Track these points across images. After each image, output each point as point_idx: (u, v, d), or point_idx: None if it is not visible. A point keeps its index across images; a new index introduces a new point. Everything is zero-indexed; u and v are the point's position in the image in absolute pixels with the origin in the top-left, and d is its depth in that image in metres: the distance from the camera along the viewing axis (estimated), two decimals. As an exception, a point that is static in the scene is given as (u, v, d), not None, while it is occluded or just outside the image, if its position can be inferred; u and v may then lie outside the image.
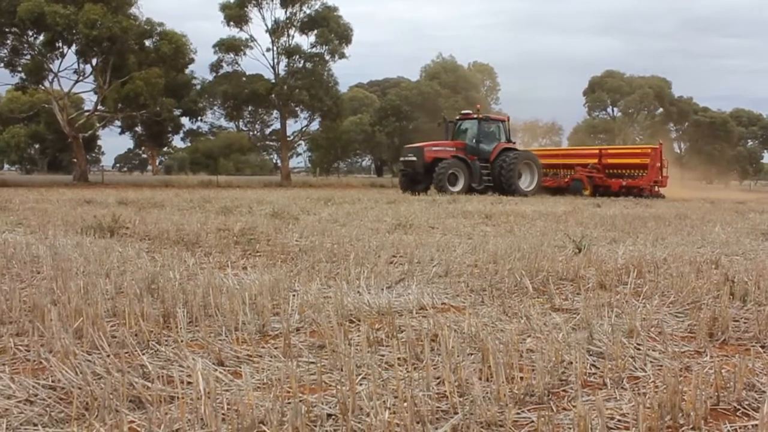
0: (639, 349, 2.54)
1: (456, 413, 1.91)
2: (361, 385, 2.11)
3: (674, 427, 1.86)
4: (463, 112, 25.35)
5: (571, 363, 2.32)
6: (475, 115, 24.01)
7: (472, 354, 2.47)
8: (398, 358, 2.39)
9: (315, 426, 1.82)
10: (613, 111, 62.88)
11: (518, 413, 1.93)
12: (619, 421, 1.89)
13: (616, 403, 2.01)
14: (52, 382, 2.12)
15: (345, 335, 2.64)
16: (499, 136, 23.89)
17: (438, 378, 2.18)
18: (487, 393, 2.03)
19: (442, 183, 21.50)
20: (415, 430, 1.78)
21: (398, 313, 3.14)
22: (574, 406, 1.94)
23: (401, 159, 23.83)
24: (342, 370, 2.25)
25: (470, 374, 2.17)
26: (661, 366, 2.36)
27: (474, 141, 23.32)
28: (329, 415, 1.89)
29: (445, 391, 2.05)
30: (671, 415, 1.89)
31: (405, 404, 1.87)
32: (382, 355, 2.46)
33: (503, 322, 2.99)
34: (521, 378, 2.16)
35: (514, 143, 24.98)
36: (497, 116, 26.09)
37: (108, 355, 2.36)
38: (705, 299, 3.44)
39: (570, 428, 1.83)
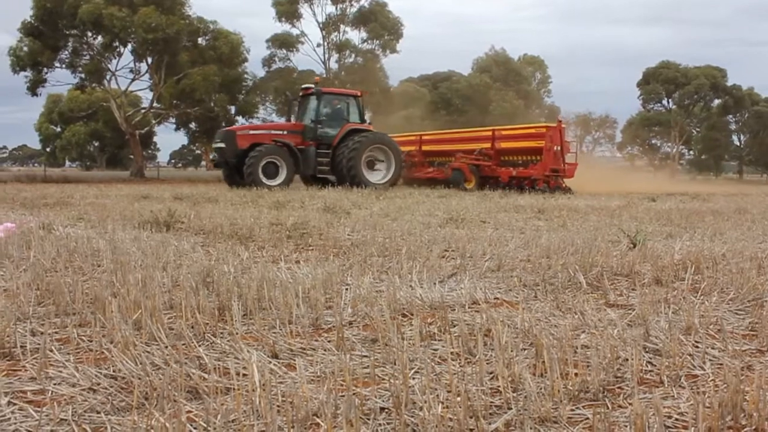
0: (697, 347, 2.49)
1: (509, 408, 1.90)
2: (414, 379, 2.11)
3: (735, 427, 1.81)
4: (304, 86, 20.48)
5: (627, 360, 2.28)
6: (315, 90, 19.50)
7: (525, 349, 2.46)
8: (451, 353, 2.39)
9: (368, 419, 1.83)
10: (668, 103, 61.41)
11: (573, 410, 1.91)
12: (677, 420, 1.85)
13: (674, 402, 1.97)
14: (114, 371, 2.17)
15: (398, 329, 2.65)
16: (347, 116, 19.62)
17: (491, 373, 2.18)
18: (540, 389, 2.02)
19: (253, 175, 17.78)
20: (469, 425, 1.77)
21: (451, 307, 3.14)
22: (630, 404, 1.92)
23: (213, 146, 19.76)
24: (395, 363, 2.26)
25: (524, 369, 2.16)
26: (721, 364, 2.30)
27: (311, 122, 19.20)
28: (382, 409, 1.90)
29: (499, 386, 2.04)
30: (732, 415, 1.84)
31: (458, 399, 1.87)
32: (435, 350, 2.47)
33: (557, 318, 2.96)
34: (575, 374, 2.13)
35: (368, 124, 20.52)
36: (345, 91, 21.27)
37: (166, 347, 2.42)
38: (767, 296, 3.34)
39: (626, 426, 1.80)
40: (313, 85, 19.81)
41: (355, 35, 42.58)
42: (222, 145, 18.66)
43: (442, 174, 20.72)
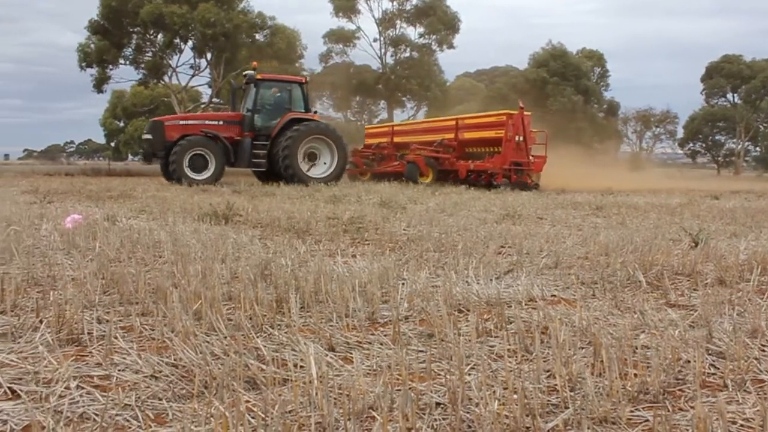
0: (764, 351, 2.41)
1: (567, 407, 1.88)
2: (470, 375, 2.11)
3: (803, 432, 1.76)
4: (246, 73, 18.60)
5: (689, 362, 2.23)
6: (254, 77, 17.88)
7: (583, 348, 2.42)
8: (507, 350, 2.38)
9: (424, 414, 1.84)
10: (733, 98, 59.53)
11: (632, 411, 1.88)
12: (741, 425, 1.80)
13: (739, 407, 1.92)
14: (175, 360, 2.23)
15: (454, 325, 2.65)
16: (289, 104, 17.74)
17: (548, 371, 2.15)
18: (598, 388, 1.99)
19: (177, 168, 16.38)
20: (525, 423, 1.76)
21: (507, 304, 3.12)
22: (692, 407, 1.87)
23: (142, 137, 18.04)
24: (451, 359, 2.26)
25: (582, 368, 2.13)
26: (789, 368, 2.23)
27: (247, 111, 17.63)
28: (438, 404, 1.91)
29: (556, 385, 2.02)
30: (800, 421, 1.79)
31: (515, 396, 1.86)
32: (491, 346, 2.45)
33: (615, 317, 2.91)
34: (635, 375, 2.10)
35: (314, 113, 18.63)
36: (287, 77, 19.31)
37: (225, 337, 2.46)
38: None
39: (688, 430, 1.76)
40: (254, 72, 18.22)
41: (411, 30, 42.56)
42: (149, 136, 17.06)
43: (403, 167, 19.32)
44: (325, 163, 17.66)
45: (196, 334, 2.46)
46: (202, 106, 39.90)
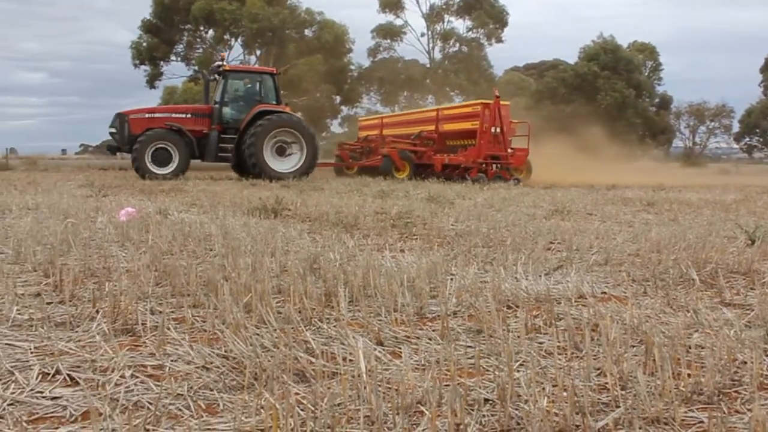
0: (824, 351, 2.34)
1: (618, 406, 1.85)
2: (518, 371, 2.09)
3: None
4: (216, 64, 18.25)
5: (745, 363, 2.18)
6: (221, 68, 17.49)
7: (634, 346, 2.39)
8: (557, 347, 2.35)
9: (472, 409, 1.83)
10: (794, 90, 57.63)
11: (686, 412, 1.84)
12: (800, 427, 1.76)
13: (797, 408, 1.87)
14: (225, 351, 2.26)
15: (503, 321, 2.64)
16: (260, 96, 17.33)
17: (598, 369, 2.13)
18: (650, 388, 1.96)
19: (139, 162, 16.02)
20: (575, 421, 1.74)
21: (556, 300, 3.09)
22: (749, 410, 1.83)
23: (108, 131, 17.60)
24: (500, 355, 2.25)
25: (633, 367, 2.10)
26: None
27: (215, 104, 17.20)
28: (486, 400, 1.90)
29: (606, 383, 1.99)
30: None
31: (564, 394, 1.84)
32: (541, 343, 2.43)
33: (668, 315, 2.85)
34: (688, 375, 2.05)
35: (285, 105, 18.01)
36: (257, 68, 19.02)
37: (275, 330, 2.49)
38: None
39: None
40: (223, 62, 17.93)
41: (459, 24, 42.36)
42: (113, 130, 16.77)
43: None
44: (294, 158, 17.01)
45: (246, 327, 2.49)
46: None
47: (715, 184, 17.69)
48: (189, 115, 16.90)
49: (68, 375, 2.04)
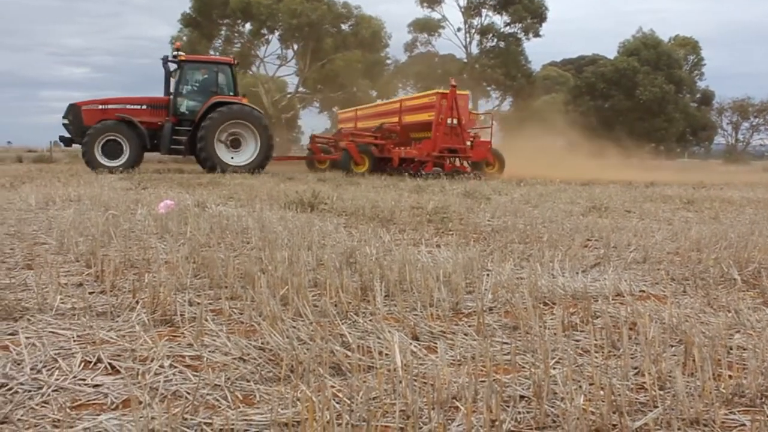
0: None
1: (656, 407, 1.83)
2: (555, 369, 2.08)
3: None
4: (173, 53, 17.65)
5: (789, 364, 2.13)
6: (177, 57, 17.08)
7: (673, 346, 2.35)
8: (594, 345, 2.33)
9: (507, 406, 1.83)
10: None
11: (726, 414, 1.81)
12: None
13: (843, 412, 1.82)
14: (262, 343, 2.28)
15: (539, 317, 2.62)
16: (216, 87, 17.06)
17: (636, 368, 2.10)
18: (690, 389, 1.93)
19: (88, 155, 15.83)
20: (612, 420, 1.73)
21: (594, 298, 3.06)
22: (792, 411, 1.79)
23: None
24: (536, 352, 2.23)
25: (672, 367, 2.07)
26: None
27: (169, 95, 16.93)
28: (522, 397, 1.89)
29: (644, 383, 1.97)
30: None
31: (601, 392, 1.82)
32: (577, 341, 2.41)
33: (708, 315, 2.80)
34: (729, 376, 2.02)
35: (242, 97, 17.63)
36: (212, 58, 18.38)
37: (311, 323, 2.51)
38: None
39: (787, 434, 1.69)
40: (178, 52, 17.44)
41: (497, 19, 42.04)
42: (66, 121, 16.51)
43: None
44: (248, 151, 16.68)
45: (283, 319, 2.51)
46: (288, 95, 40.66)
47: (758, 182, 17.30)
48: (145, 107, 16.71)
49: (109, 363, 2.08)
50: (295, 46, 36.63)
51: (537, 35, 41.70)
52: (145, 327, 2.48)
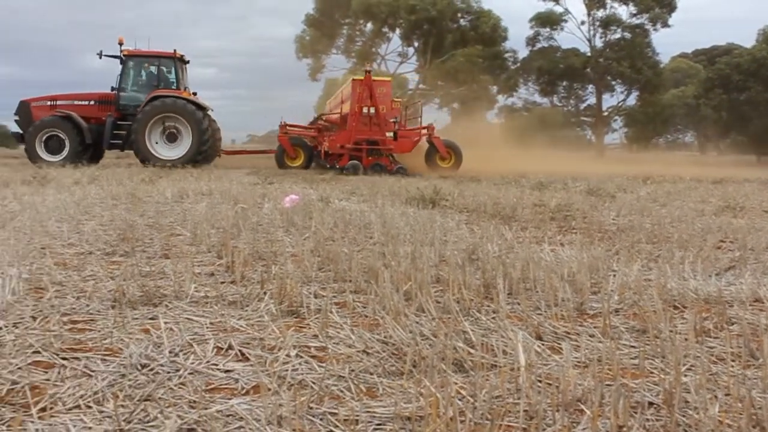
0: None
1: (801, 421, 1.71)
2: (686, 376, 1.99)
3: None
4: (122, 49, 17.21)
5: None
6: (121, 53, 16.87)
7: (819, 357, 2.20)
8: (730, 353, 2.21)
9: (635, 412, 1.77)
10: None
11: None
12: None
13: None
14: (385, 337, 2.31)
15: (669, 321, 2.51)
16: (159, 82, 16.97)
17: (778, 379, 1.98)
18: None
19: (29, 151, 16.11)
20: (750, 433, 1.64)
21: (729, 303, 2.90)
22: None
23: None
24: (665, 357, 2.15)
25: (819, 379, 1.93)
26: None
27: (113, 89, 16.91)
28: (651, 404, 1.82)
29: (787, 395, 1.85)
30: None
31: (740, 404, 1.73)
32: (711, 347, 2.30)
33: None
34: None
35: (184, 90, 17.28)
36: (154, 52, 17.42)
37: (434, 319, 2.52)
38: None
39: None
40: (122, 46, 17.21)
41: (622, 10, 40.54)
42: (17, 118, 16.81)
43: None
44: (184, 143, 16.47)
45: (406, 314, 2.54)
46: (409, 92, 40.93)
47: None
48: (93, 102, 16.93)
49: (239, 351, 2.17)
50: (416, 43, 36.84)
51: (666, 25, 39.92)
52: (273, 317, 2.57)
